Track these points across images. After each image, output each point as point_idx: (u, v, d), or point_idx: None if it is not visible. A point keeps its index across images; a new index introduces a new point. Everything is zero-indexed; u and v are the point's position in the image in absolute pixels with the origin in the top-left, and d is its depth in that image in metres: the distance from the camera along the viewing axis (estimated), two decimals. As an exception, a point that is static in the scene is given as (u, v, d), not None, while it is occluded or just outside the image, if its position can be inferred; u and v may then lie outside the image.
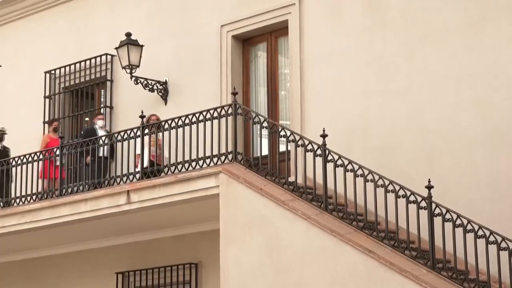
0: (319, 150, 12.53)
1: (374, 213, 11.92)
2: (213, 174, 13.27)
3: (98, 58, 17.85)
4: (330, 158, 12.41)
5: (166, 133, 14.28)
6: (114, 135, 14.96)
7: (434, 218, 11.40)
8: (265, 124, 13.31)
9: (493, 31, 12.90)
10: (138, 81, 16.51)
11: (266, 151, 14.71)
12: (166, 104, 16.62)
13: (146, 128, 14.33)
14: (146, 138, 14.41)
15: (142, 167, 14.48)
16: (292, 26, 15.21)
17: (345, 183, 12.20)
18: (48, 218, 15.49)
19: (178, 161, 14.03)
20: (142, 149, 14.48)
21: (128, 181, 14.56)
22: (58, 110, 18.43)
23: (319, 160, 12.52)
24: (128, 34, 16.43)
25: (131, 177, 14.53)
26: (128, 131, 14.54)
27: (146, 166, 14.34)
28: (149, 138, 14.43)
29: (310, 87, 14.88)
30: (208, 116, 13.75)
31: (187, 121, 14.05)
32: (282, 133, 13.10)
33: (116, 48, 16.55)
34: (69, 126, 18.18)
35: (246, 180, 12.84)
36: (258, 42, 16.09)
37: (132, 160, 14.45)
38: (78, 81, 18.14)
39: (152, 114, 15.38)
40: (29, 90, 19.01)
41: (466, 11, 13.21)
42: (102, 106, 17.94)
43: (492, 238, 11.14)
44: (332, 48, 14.75)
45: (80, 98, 18.26)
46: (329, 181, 12.43)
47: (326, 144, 12.53)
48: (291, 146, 13.15)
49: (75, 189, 15.38)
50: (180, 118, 14.16)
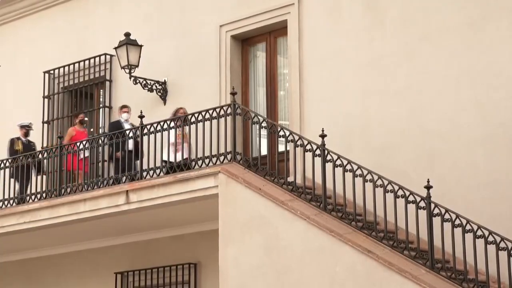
0: (318, 150, 12.53)
1: (373, 213, 11.94)
2: (212, 174, 13.25)
3: (97, 58, 17.84)
4: (329, 158, 12.41)
5: (165, 133, 14.27)
6: (142, 127, 14.45)
7: (433, 218, 11.39)
8: (264, 124, 13.31)
9: (493, 31, 12.89)
10: (137, 81, 16.51)
11: (265, 151, 14.73)
12: (165, 104, 16.58)
13: (172, 121, 14.15)
14: (172, 132, 14.15)
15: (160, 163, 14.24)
16: (291, 26, 15.23)
17: (344, 183, 12.19)
18: (47, 218, 15.48)
19: (177, 160, 14.00)
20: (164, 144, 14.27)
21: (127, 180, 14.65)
22: (57, 110, 18.43)
23: (318, 160, 12.51)
24: (127, 34, 16.41)
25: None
26: (154, 124, 14.18)
27: (172, 161, 14.10)
28: (175, 132, 14.23)
29: (309, 87, 14.88)
30: (207, 116, 13.74)
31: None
32: (281, 133, 13.10)
33: (115, 48, 16.55)
34: (68, 126, 18.10)
35: (245, 180, 12.82)
36: (257, 42, 16.09)
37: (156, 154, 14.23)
38: (77, 81, 18.13)
39: (179, 108, 15.06)
40: (28, 90, 19.00)
41: (466, 11, 13.21)
42: (101, 106, 17.94)
43: (491, 238, 11.14)
44: (331, 48, 14.75)
45: (79, 98, 18.25)
46: (328, 181, 12.44)
47: (325, 144, 12.53)
48: (290, 146, 13.09)
49: (74, 189, 15.34)
50: (179, 118, 14.15)
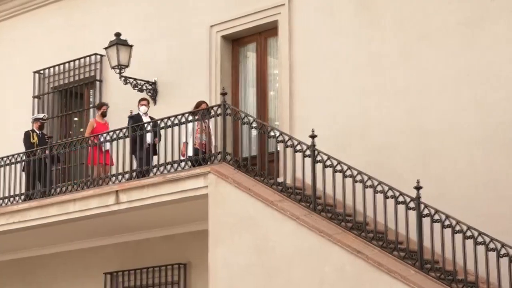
0: (308, 150, 12.53)
1: (363, 213, 11.95)
2: (202, 175, 13.23)
3: (88, 58, 17.82)
4: (319, 158, 12.41)
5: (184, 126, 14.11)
6: (166, 120, 14.28)
7: (423, 219, 11.39)
8: (254, 124, 13.30)
9: (491, 31, 12.85)
10: (127, 81, 16.48)
11: (255, 152, 14.66)
12: (155, 104, 16.56)
13: (194, 115, 13.99)
14: (190, 126, 14.05)
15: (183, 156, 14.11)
16: (281, 26, 15.20)
17: (334, 184, 12.21)
18: (36, 218, 15.44)
19: (167, 161, 13.99)
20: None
21: (117, 181, 14.58)
22: (47, 110, 18.36)
23: (308, 160, 12.51)
24: (117, 34, 16.36)
25: (120, 177, 14.53)
26: (178, 117, 13.97)
27: (190, 156, 13.99)
28: (192, 126, 14.05)
29: (299, 88, 14.86)
30: (197, 116, 13.74)
31: (176, 121, 14.02)
32: (271, 133, 13.09)
33: (105, 48, 16.53)
34: (57, 126, 18.09)
35: (235, 180, 12.83)
36: (248, 42, 16.07)
37: (176, 148, 14.19)
38: (67, 81, 18.12)
39: (202, 101, 14.93)
40: (18, 90, 18.97)
41: (464, 11, 13.17)
42: (91, 106, 17.90)
43: (480, 239, 11.15)
44: (322, 49, 14.74)
45: (69, 98, 18.20)
46: (318, 181, 12.41)
47: (315, 144, 12.52)
48: (280, 147, 13.10)
49: (64, 189, 15.27)
50: (169, 118, 14.15)
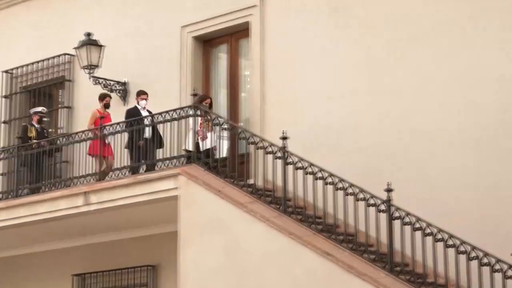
0: (279, 152, 12.56)
1: (333, 216, 12.00)
2: (172, 176, 13.23)
3: (58, 58, 17.74)
4: (290, 160, 12.46)
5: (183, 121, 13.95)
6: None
7: (394, 221, 11.44)
8: (225, 126, 13.33)
9: (482, 32, 12.80)
10: (97, 81, 16.43)
11: (226, 153, 14.65)
12: (125, 104, 16.49)
13: (196, 109, 13.79)
14: (191, 120, 13.87)
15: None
16: (253, 28, 15.19)
17: (304, 186, 12.22)
18: (4, 219, 15.33)
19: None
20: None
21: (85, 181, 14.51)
22: (16, 110, 18.26)
23: (279, 162, 12.56)
24: (88, 34, 16.31)
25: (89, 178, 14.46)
26: (177, 111, 13.79)
27: (190, 150, 13.79)
28: (194, 120, 13.88)
29: (271, 89, 14.86)
30: (167, 117, 13.70)
31: (147, 122, 14.00)
32: (242, 135, 13.11)
33: (75, 48, 16.45)
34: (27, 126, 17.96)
35: (204, 182, 12.84)
36: (219, 43, 16.07)
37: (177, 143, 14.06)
38: (36, 80, 18.06)
39: (206, 96, 14.77)
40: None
41: (454, 12, 13.12)
42: (60, 106, 17.80)
43: (450, 242, 11.17)
44: (294, 50, 14.74)
45: (38, 98, 18.12)
46: (288, 184, 12.46)
47: (287, 146, 12.57)
48: (251, 148, 13.21)
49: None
50: (139, 119, 14.14)
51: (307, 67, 14.55)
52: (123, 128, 14.29)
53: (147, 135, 14.29)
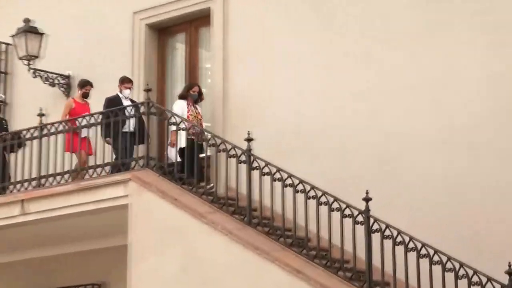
0: (243, 156, 12.56)
1: (305, 228, 11.95)
2: (121, 182, 13.24)
3: (-8, 47, 17.70)
4: (255, 165, 12.44)
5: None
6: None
7: (372, 234, 11.44)
8: (182, 125, 13.29)
9: (451, 35, 13.16)
10: (37, 74, 16.40)
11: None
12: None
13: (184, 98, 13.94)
14: (178, 111, 13.93)
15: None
16: (215, 15, 15.25)
17: (272, 194, 12.19)
18: None
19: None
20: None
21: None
22: None
23: (244, 167, 12.58)
24: (26, 21, 16.24)
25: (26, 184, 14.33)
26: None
27: (183, 147, 13.72)
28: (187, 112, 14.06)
29: (234, 85, 14.90)
30: (116, 115, 13.66)
31: (93, 120, 13.94)
32: (202, 136, 13.30)
33: (12, 36, 16.37)
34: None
35: (159, 189, 12.82)
36: (176, 32, 16.10)
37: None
38: (-32, 73, 18.01)
39: (194, 83, 14.77)
40: None
41: (424, 15, 13.43)
42: (-5, 99, 17.79)
43: (436, 258, 11.25)
44: (261, 40, 14.82)
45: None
46: (254, 191, 12.47)
47: (252, 149, 12.56)
48: (212, 151, 13.21)
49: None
50: (84, 117, 14.08)
51: (276, 61, 14.62)
52: (98, 119, 14.03)
53: (132, 128, 14.08)
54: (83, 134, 14.31)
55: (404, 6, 13.63)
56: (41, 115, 14.38)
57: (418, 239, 11.33)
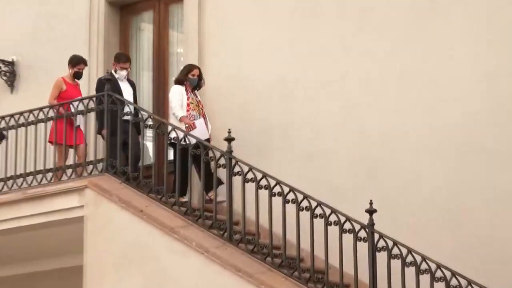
0: (223, 158, 12.51)
1: (296, 246, 11.84)
2: (76, 190, 13.25)
3: None
4: (237, 170, 12.36)
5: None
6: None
7: (377, 253, 11.39)
8: (149, 122, 13.30)
9: (443, 24, 13.30)
10: (-27, 60, 16.52)
11: (151, 160, 14.44)
12: (12, 92, 16.64)
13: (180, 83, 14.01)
14: (175, 99, 13.97)
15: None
16: (189, -11, 15.39)
17: (257, 205, 12.11)
18: None
19: (28, 171, 13.94)
20: None
21: None
22: None
23: (223, 172, 12.58)
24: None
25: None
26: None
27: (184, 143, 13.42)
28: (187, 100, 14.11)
29: (211, 73, 14.79)
30: (71, 109, 13.67)
31: (42, 116, 13.92)
32: (173, 134, 13.08)
33: None
34: None
35: (121, 198, 12.81)
36: (142, 10, 16.17)
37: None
38: None
39: (194, 65, 14.52)
40: None
41: (412, 2, 13.61)
42: None
43: (454, 282, 11.25)
44: (242, 21, 14.86)
45: None
46: (236, 201, 12.41)
47: (233, 151, 12.55)
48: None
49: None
50: (32, 112, 14.06)
51: (261, 45, 14.63)
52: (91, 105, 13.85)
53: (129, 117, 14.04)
54: (78, 123, 14.15)
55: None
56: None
57: (432, 259, 11.29)
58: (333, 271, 11.68)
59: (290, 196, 11.91)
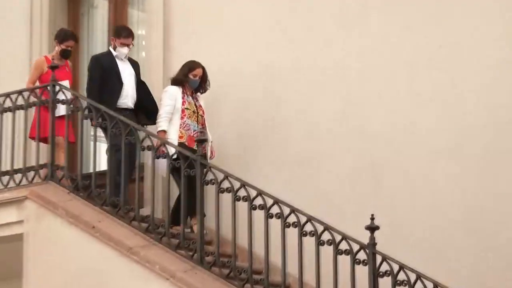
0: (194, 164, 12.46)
1: (281, 269, 11.74)
2: (14, 202, 13.22)
3: None
4: (211, 177, 12.27)
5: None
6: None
7: (380, 278, 11.33)
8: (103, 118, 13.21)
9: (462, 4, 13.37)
10: None
11: (105, 166, 14.31)
12: None
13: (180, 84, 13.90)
14: (168, 104, 13.80)
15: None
16: (151, -41, 15.55)
17: (234, 220, 11.99)
18: None
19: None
20: None
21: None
22: None
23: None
24: None
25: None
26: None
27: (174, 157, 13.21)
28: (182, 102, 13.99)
29: (180, 60, 14.56)
30: (8, 104, 13.69)
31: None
32: (147, 142, 12.90)
33: None
34: None
35: (69, 212, 12.72)
36: (96, -15, 16.14)
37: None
38: None
39: (194, 63, 14.31)
40: None
41: None
42: None
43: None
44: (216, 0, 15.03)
45: None
46: (209, 216, 12.55)
47: (205, 154, 12.88)
48: (147, 157, 13.24)
49: None
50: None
51: (242, 25, 14.72)
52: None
53: (130, 104, 14.09)
54: (61, 112, 13.80)
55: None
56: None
57: (444, 285, 11.26)
58: (326, 301, 11.72)
59: (275, 209, 11.78)
